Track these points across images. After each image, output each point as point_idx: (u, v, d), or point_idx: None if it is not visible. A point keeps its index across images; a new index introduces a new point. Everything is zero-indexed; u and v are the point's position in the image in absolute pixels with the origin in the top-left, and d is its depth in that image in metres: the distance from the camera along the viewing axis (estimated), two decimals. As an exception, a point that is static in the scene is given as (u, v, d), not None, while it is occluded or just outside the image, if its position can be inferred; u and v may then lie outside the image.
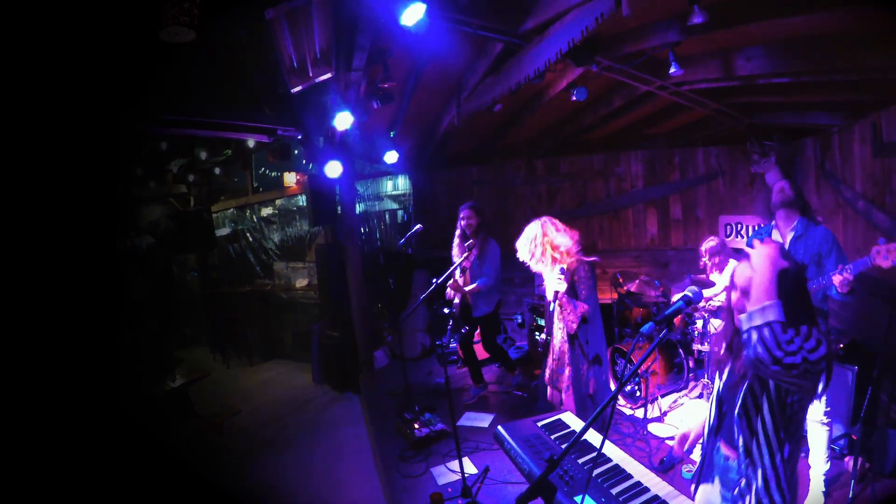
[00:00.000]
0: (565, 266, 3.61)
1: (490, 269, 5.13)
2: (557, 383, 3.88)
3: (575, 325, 3.62)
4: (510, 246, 3.92)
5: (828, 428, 3.36)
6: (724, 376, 1.97)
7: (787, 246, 3.44)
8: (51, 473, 3.64)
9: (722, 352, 2.02)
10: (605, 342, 3.83)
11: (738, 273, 1.87)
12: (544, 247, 3.65)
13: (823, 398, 3.32)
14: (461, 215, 5.23)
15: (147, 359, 5.45)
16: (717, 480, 1.97)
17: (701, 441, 2.14)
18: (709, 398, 4.02)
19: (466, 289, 5.14)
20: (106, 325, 4.68)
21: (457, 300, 5.26)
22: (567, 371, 3.78)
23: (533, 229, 3.69)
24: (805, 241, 3.39)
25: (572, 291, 3.62)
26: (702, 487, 2.05)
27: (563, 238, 3.66)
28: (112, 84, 4.09)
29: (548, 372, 3.95)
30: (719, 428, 1.97)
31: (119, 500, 3.99)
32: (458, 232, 5.29)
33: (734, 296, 1.90)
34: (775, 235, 3.56)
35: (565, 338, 3.79)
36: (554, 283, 3.59)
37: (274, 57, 4.27)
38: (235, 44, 4.53)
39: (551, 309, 3.78)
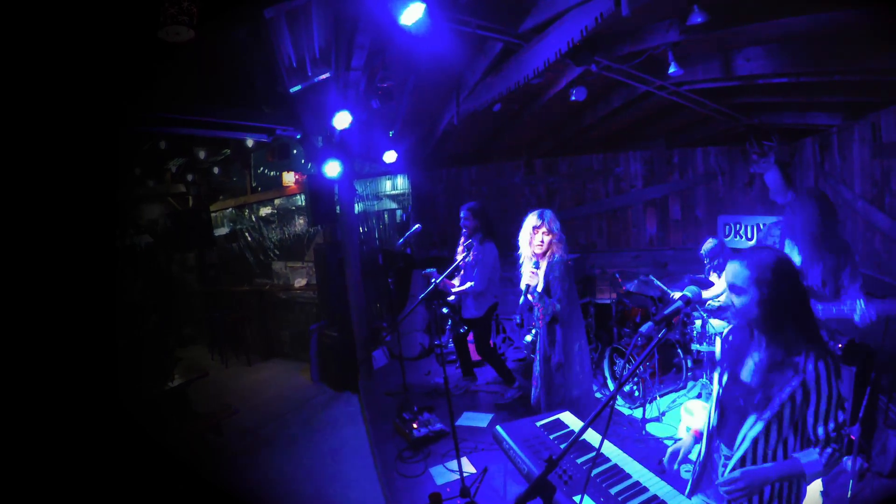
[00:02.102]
0: (544, 263, 3.73)
1: (480, 273, 5.06)
2: (539, 387, 3.97)
3: (546, 321, 3.73)
4: (510, 245, 3.95)
5: None
6: (725, 381, 1.99)
7: (801, 260, 3.39)
8: (50, 473, 3.64)
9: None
10: (585, 348, 3.87)
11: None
12: (536, 237, 3.80)
13: None
14: (460, 216, 5.22)
15: (146, 358, 5.44)
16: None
17: (696, 445, 2.14)
18: (708, 398, 4.04)
19: (455, 290, 5.15)
20: (105, 324, 4.67)
21: (451, 297, 5.27)
22: (541, 374, 3.88)
23: (530, 220, 3.85)
24: (821, 254, 3.32)
25: (547, 290, 3.70)
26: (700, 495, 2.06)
27: (551, 235, 3.80)
28: (111, 83, 4.08)
29: (533, 384, 4.02)
30: (720, 430, 1.98)
31: (118, 500, 3.98)
32: (463, 231, 5.28)
33: (726, 295, 1.92)
34: (788, 246, 3.50)
35: (542, 341, 3.89)
36: (527, 277, 3.73)
37: (273, 56, 4.27)
38: (235, 43, 4.53)
39: (520, 301, 3.86)
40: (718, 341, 2.14)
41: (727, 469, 1.88)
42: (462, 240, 5.22)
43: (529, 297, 3.78)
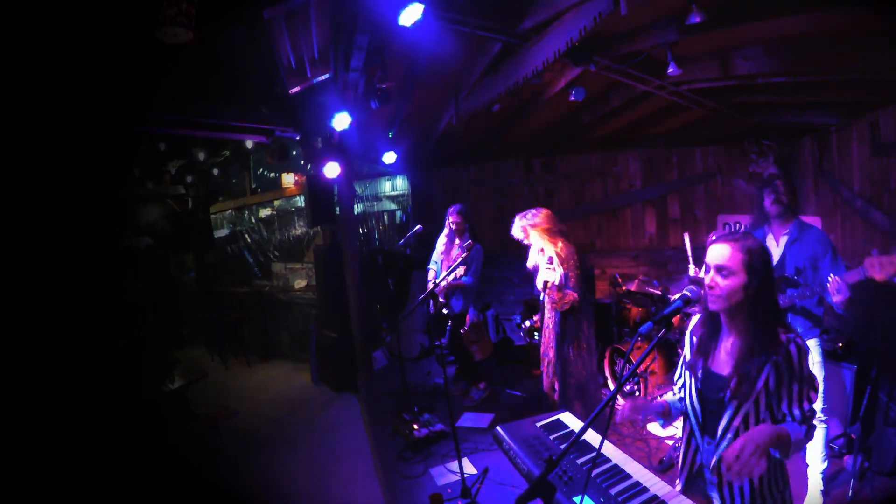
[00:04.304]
0: (554, 255, 3.88)
1: (476, 270, 5.20)
2: (552, 374, 4.07)
3: (566, 307, 3.85)
4: (507, 245, 3.99)
5: (825, 426, 3.35)
6: (700, 375, 2.01)
7: (782, 250, 3.37)
8: (50, 473, 3.63)
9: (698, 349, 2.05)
10: (593, 333, 4.04)
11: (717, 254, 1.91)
12: (537, 228, 3.96)
13: (820, 395, 3.30)
14: (450, 218, 5.37)
15: (146, 359, 5.43)
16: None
17: (678, 444, 2.16)
18: None
19: (450, 278, 5.12)
20: (105, 325, 4.67)
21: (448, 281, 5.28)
22: (556, 360, 3.99)
23: (532, 211, 4.04)
24: (800, 244, 3.30)
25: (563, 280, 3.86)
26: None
27: (557, 227, 3.98)
28: (110, 84, 4.08)
29: (544, 372, 4.09)
30: (704, 426, 2.01)
31: (118, 500, 3.98)
32: (445, 231, 5.45)
33: (710, 277, 1.92)
34: (769, 241, 3.47)
35: (556, 328, 3.97)
36: (544, 273, 3.85)
37: (272, 57, 4.27)
38: (234, 44, 4.53)
39: (542, 299, 3.95)
40: (687, 337, 2.14)
41: (713, 461, 1.93)
42: (444, 240, 5.47)
43: (546, 293, 3.89)
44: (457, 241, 5.33)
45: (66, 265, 4.15)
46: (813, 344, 3.27)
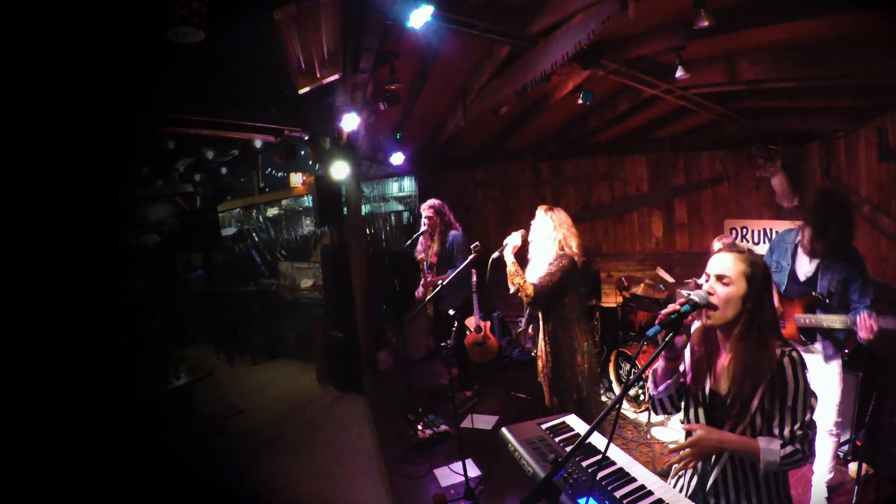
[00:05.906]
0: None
1: (462, 256, 5.04)
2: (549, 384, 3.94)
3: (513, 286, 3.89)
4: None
5: (836, 439, 3.30)
6: (701, 397, 1.98)
7: (814, 269, 3.22)
8: (51, 473, 3.65)
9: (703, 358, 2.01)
10: (590, 340, 3.89)
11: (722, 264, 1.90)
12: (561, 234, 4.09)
13: (836, 407, 3.24)
14: (422, 215, 5.34)
15: (147, 359, 5.45)
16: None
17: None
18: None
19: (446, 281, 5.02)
20: (106, 323, 4.68)
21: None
22: (543, 364, 3.91)
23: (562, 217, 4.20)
24: (835, 266, 3.14)
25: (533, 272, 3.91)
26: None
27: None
28: (117, 82, 4.11)
29: (543, 383, 4.03)
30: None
31: (119, 501, 4.00)
32: (423, 229, 5.37)
33: (709, 284, 1.91)
34: (800, 254, 3.34)
35: (545, 338, 3.94)
36: (513, 237, 3.98)
37: (281, 58, 4.29)
38: (243, 44, 4.55)
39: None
40: (687, 353, 2.09)
41: (710, 481, 1.92)
42: (421, 239, 5.42)
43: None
44: (435, 237, 5.29)
45: (64, 265, 4.16)
46: (834, 366, 3.22)
